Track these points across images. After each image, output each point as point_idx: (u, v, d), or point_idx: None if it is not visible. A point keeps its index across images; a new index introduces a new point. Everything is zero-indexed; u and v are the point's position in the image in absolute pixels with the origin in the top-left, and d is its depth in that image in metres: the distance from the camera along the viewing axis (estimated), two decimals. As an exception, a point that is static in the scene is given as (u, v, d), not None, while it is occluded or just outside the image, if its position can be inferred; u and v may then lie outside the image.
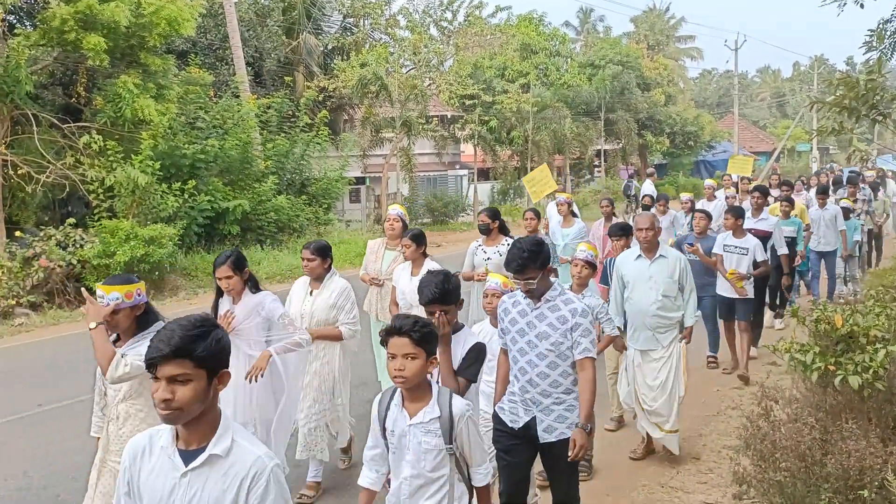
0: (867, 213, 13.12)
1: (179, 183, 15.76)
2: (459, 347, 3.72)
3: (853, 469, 3.79)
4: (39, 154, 14.32)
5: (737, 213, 8.51)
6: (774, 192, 13.46)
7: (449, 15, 29.95)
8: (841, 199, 13.08)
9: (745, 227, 8.49)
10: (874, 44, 7.12)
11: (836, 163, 42.29)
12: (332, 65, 26.38)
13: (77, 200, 16.45)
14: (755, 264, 8.26)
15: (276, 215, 18.66)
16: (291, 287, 5.69)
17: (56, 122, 15.14)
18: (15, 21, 17.84)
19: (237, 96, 19.78)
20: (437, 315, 3.62)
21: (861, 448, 3.84)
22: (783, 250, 9.20)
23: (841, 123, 6.46)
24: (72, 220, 14.15)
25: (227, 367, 2.33)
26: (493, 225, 7.37)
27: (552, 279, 4.19)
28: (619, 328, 6.02)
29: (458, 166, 33.76)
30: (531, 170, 32.21)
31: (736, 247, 8.28)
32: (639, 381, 6.01)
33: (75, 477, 5.98)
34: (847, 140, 37.50)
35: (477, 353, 3.72)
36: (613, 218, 10.27)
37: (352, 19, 29.72)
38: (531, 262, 3.94)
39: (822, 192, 11.72)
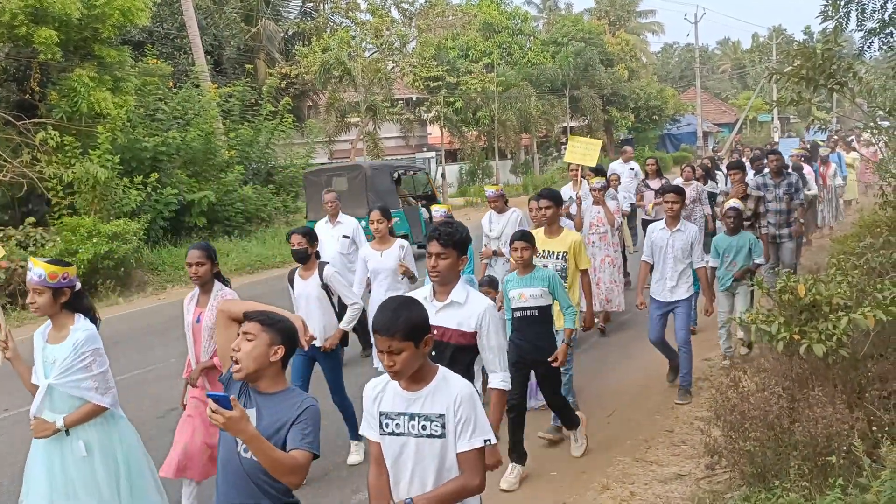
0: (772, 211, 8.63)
1: (141, 176, 15.50)
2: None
3: (821, 436, 3.85)
4: (-6, 153, 13.99)
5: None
6: (654, 185, 10.00)
7: (410, -4, 29.63)
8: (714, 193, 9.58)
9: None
10: (830, 13, 7.18)
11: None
12: (294, 51, 26.03)
13: (37, 198, 16.09)
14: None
15: (242, 205, 18.49)
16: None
17: (10, 119, 14.77)
18: (-38, 16, 17.31)
19: (197, 86, 19.45)
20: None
21: (828, 415, 3.91)
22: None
23: (800, 93, 6.52)
24: (32, 219, 13.90)
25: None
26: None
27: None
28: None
29: (425, 149, 33.67)
30: (498, 150, 32.51)
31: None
32: None
33: (46, 481, 5.88)
34: (806, 109, 37.98)
35: None
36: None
37: (311, 3, 29.33)
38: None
39: (672, 192, 6.81)
